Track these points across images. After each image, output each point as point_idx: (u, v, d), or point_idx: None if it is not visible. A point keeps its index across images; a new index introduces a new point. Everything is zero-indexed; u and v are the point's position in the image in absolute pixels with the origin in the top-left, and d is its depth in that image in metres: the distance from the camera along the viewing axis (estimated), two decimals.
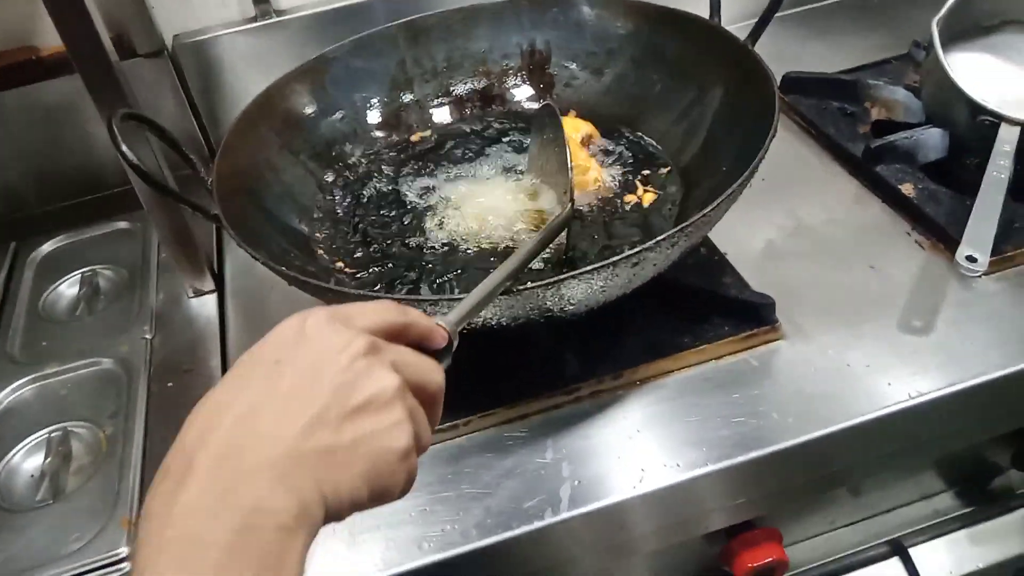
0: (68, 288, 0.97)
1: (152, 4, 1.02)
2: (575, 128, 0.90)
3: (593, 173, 0.84)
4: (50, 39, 1.00)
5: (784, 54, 1.12)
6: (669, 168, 0.86)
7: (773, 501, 0.73)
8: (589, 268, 0.58)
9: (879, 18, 1.19)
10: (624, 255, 0.58)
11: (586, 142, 0.89)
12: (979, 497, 0.90)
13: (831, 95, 1.01)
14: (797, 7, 1.24)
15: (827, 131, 0.96)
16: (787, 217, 0.87)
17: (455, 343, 0.47)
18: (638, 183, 0.86)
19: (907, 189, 0.86)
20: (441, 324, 0.47)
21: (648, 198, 0.84)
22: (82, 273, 0.97)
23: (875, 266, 0.80)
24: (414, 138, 0.96)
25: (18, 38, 1.01)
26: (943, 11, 0.86)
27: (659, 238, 0.59)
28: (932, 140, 0.87)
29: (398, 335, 0.43)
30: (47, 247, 1.03)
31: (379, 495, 0.40)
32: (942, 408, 0.69)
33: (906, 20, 1.15)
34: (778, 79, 1.02)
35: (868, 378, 0.70)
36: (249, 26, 1.06)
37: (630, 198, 0.84)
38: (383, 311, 0.44)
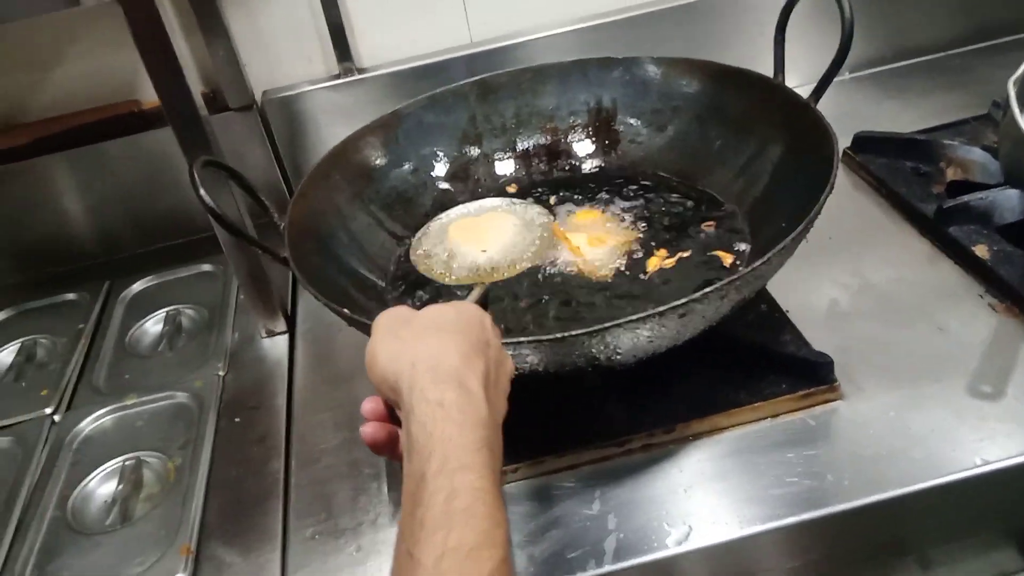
0: (153, 325, 1.02)
1: (245, 62, 1.09)
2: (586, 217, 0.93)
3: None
4: (151, 94, 1.07)
5: (858, 114, 1.11)
6: (732, 219, 0.87)
7: (830, 567, 0.71)
8: (635, 317, 0.58)
9: (959, 78, 1.17)
10: (670, 305, 0.58)
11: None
12: None
13: (904, 155, 0.99)
14: (873, 68, 1.23)
15: (898, 190, 0.94)
16: (853, 276, 0.86)
17: None
18: (701, 234, 0.86)
19: (981, 251, 0.83)
20: None
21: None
22: (167, 312, 1.03)
23: (943, 328, 0.77)
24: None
25: (123, 93, 1.10)
26: (1020, 71, 0.84)
27: (707, 290, 0.59)
28: (1009, 201, 0.85)
29: None
30: (137, 286, 1.09)
31: None
32: (1013, 478, 0.66)
33: (987, 80, 1.12)
34: (850, 138, 1.03)
35: (931, 443, 0.67)
36: (333, 83, 1.12)
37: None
38: None
